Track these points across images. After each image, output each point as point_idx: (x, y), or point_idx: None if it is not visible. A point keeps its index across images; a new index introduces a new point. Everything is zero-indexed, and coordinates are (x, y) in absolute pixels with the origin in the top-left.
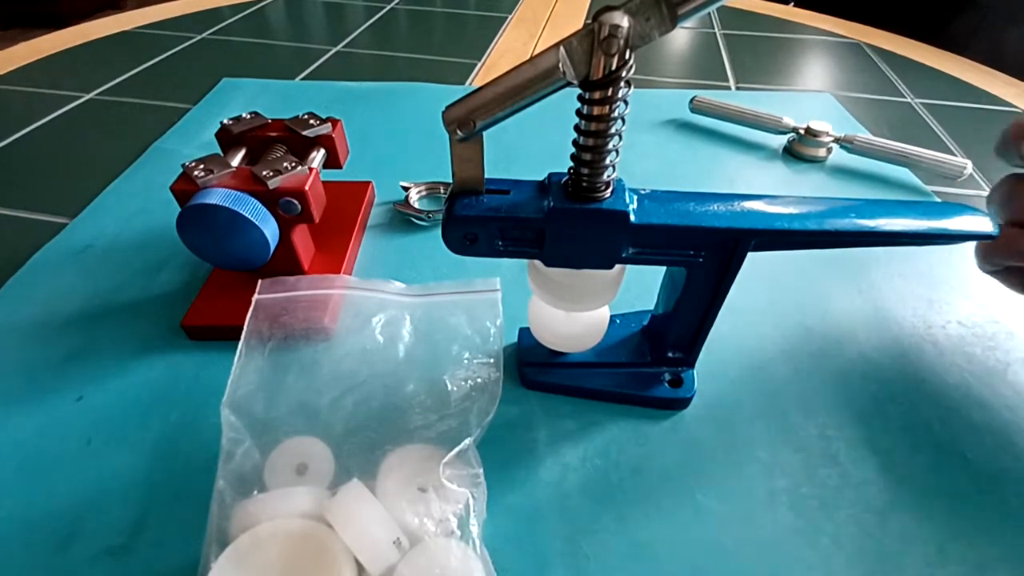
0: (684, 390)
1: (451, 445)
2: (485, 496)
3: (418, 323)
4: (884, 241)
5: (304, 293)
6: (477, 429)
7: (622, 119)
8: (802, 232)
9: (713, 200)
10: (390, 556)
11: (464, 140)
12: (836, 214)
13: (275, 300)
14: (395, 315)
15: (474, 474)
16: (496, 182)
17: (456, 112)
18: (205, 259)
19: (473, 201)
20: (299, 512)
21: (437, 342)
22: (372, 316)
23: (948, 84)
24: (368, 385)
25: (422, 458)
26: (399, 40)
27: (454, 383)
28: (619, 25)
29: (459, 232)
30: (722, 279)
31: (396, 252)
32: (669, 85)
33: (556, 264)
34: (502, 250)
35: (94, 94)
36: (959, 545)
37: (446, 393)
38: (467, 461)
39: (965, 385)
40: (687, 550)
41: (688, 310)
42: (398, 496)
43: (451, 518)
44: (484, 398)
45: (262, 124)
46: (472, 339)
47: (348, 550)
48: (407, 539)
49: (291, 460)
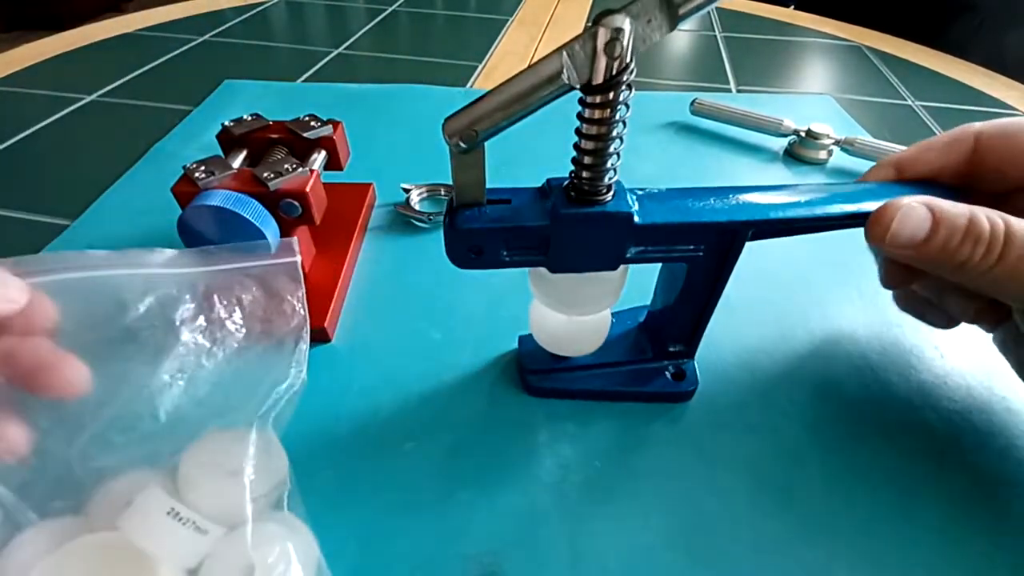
0: (687, 383)
1: (251, 425)
2: (287, 468)
3: (203, 308)
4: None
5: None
6: (270, 399)
7: (623, 122)
8: (797, 219)
9: (710, 195)
10: (196, 545)
11: (466, 152)
12: (828, 201)
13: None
14: (168, 295)
15: (279, 450)
16: (496, 191)
17: (457, 123)
18: None
19: (476, 213)
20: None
21: (223, 322)
22: (134, 302)
23: (948, 87)
24: (134, 404)
25: (226, 442)
26: (400, 42)
27: (241, 363)
28: (620, 28)
29: (463, 246)
30: (721, 270)
31: (397, 254)
32: (670, 87)
33: (561, 270)
34: (508, 261)
35: (96, 96)
36: (958, 549)
37: (233, 379)
38: (269, 438)
39: (965, 386)
40: (688, 551)
41: (688, 303)
42: (204, 486)
43: (266, 495)
44: (280, 368)
45: (263, 126)
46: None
47: (159, 557)
48: (219, 525)
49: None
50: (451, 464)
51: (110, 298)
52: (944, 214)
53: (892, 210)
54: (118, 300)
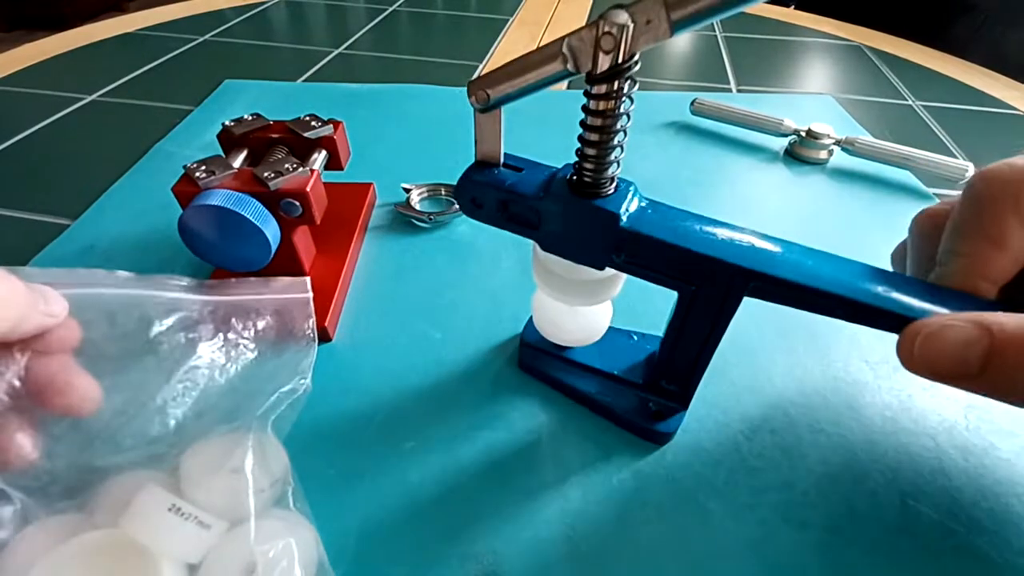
0: (665, 425)
1: (252, 427)
2: (287, 464)
3: (220, 328)
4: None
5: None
6: (271, 398)
7: (627, 115)
8: (811, 290)
9: (720, 226)
10: (199, 539)
11: (484, 111)
12: (861, 279)
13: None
14: (188, 316)
15: (278, 448)
16: (515, 159)
17: (478, 83)
18: (206, 260)
19: (487, 171)
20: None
21: (237, 341)
22: (157, 319)
23: (949, 86)
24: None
25: (227, 444)
26: (401, 42)
27: (249, 375)
28: (618, 24)
29: (467, 195)
30: (717, 316)
31: (397, 254)
32: (670, 87)
33: (551, 250)
34: (503, 222)
35: (96, 95)
36: (957, 550)
37: (241, 389)
38: (268, 437)
39: (971, 396)
40: (688, 550)
41: (682, 340)
42: (205, 483)
43: (268, 491)
44: (284, 375)
45: (264, 126)
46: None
47: (161, 552)
48: (222, 521)
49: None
50: (451, 463)
51: (134, 315)
52: (1005, 330)
53: (916, 330)
54: (142, 316)
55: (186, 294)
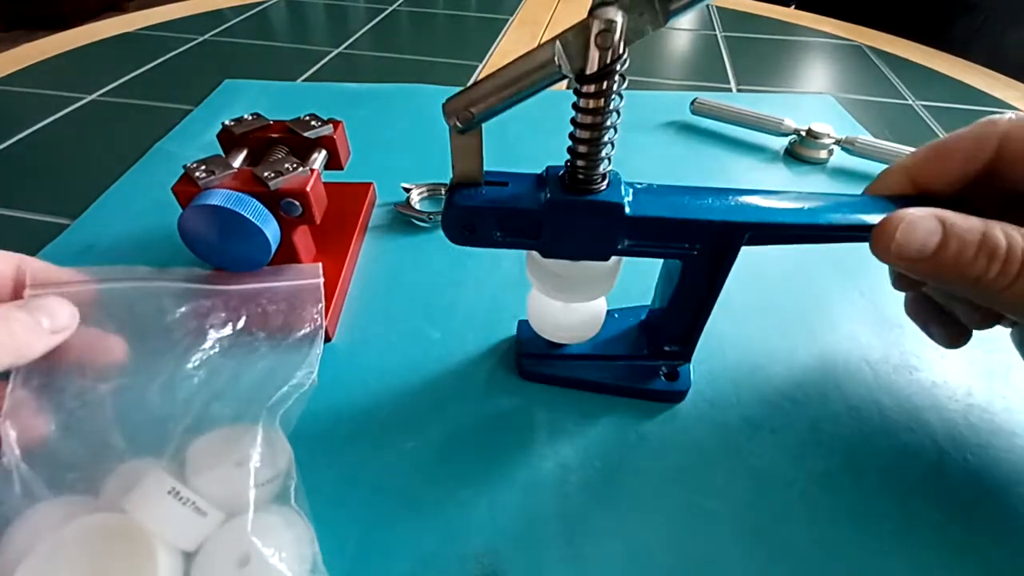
0: (680, 383)
1: (258, 419)
2: (291, 459)
3: (231, 316)
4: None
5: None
6: (281, 390)
7: (617, 111)
8: (795, 226)
9: (707, 194)
10: (195, 525)
11: (464, 132)
12: (830, 209)
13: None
14: (202, 304)
15: (283, 443)
16: (495, 174)
17: (456, 104)
18: (206, 260)
19: (472, 192)
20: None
21: (248, 328)
22: (172, 308)
23: (949, 86)
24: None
25: (235, 436)
26: (401, 42)
27: (257, 363)
28: (613, 20)
29: (458, 223)
30: (717, 273)
31: (397, 253)
32: (670, 87)
33: (554, 255)
34: (500, 241)
35: (96, 95)
36: (956, 550)
37: (249, 376)
38: (275, 431)
39: (966, 386)
40: (688, 551)
41: (684, 304)
42: (208, 472)
43: (269, 485)
44: (291, 368)
45: (264, 125)
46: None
47: (157, 534)
48: (220, 512)
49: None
50: (451, 463)
51: (152, 304)
52: (955, 227)
53: (897, 221)
54: (159, 306)
55: (200, 284)
